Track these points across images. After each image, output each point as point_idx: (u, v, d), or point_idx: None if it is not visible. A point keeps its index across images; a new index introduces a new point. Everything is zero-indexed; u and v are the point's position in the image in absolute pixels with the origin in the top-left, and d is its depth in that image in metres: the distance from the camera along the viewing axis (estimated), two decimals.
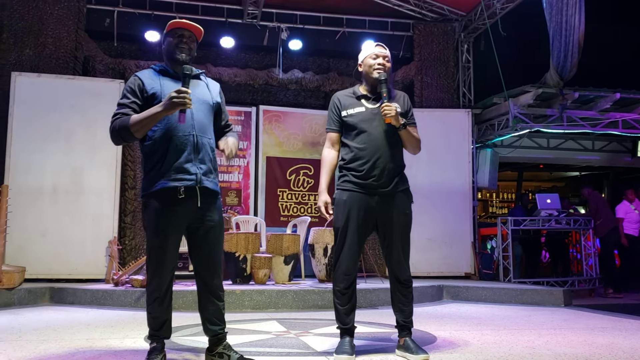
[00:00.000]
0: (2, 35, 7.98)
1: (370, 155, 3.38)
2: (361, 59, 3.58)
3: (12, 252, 6.93)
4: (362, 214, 3.37)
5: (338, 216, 3.42)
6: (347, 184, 3.43)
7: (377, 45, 3.56)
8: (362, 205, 3.38)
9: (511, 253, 8.63)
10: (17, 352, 3.46)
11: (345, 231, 3.36)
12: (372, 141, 3.40)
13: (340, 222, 3.39)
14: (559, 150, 11.57)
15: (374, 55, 3.49)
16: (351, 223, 3.36)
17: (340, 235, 3.39)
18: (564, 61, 8.19)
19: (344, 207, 3.39)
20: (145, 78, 3.05)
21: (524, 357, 3.39)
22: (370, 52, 3.52)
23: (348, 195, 3.40)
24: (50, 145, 7.41)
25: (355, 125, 3.44)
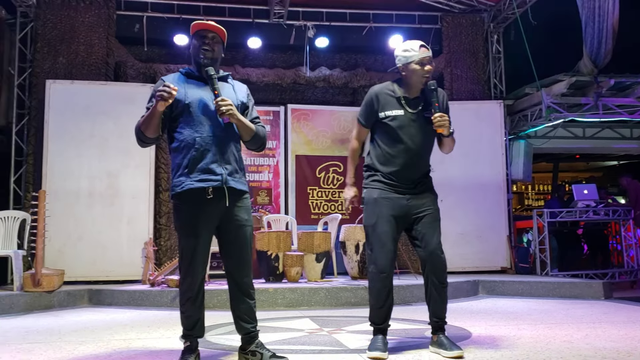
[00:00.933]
0: (36, 45, 8.18)
1: (404, 164, 3.37)
2: (403, 62, 3.37)
3: (51, 256, 7.11)
4: (392, 211, 3.34)
5: (369, 214, 3.39)
6: (377, 183, 3.40)
7: (422, 46, 3.35)
8: (393, 203, 3.35)
9: (548, 246, 8.47)
10: (57, 353, 3.54)
11: (377, 229, 3.33)
12: (408, 150, 3.36)
13: (371, 220, 3.36)
14: (595, 139, 11.31)
15: (419, 62, 3.32)
16: (383, 221, 3.32)
17: (372, 233, 3.35)
18: (597, 48, 8.01)
19: (374, 205, 3.37)
20: (170, 82, 3.08)
21: (562, 351, 3.33)
22: (416, 57, 3.32)
23: (378, 193, 3.38)
24: (85, 150, 7.57)
25: (393, 131, 3.37)
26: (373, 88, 3.51)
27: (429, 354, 3.32)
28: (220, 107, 2.95)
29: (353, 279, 7.15)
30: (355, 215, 8.39)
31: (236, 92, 3.20)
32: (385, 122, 3.39)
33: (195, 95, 3.04)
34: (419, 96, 3.42)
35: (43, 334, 4.35)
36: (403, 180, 3.38)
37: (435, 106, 3.33)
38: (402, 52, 3.41)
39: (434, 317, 3.37)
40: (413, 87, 3.40)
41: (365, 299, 5.96)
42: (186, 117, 3.01)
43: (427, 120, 3.37)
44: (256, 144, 3.22)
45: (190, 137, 2.97)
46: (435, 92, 3.35)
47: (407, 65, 3.36)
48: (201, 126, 2.99)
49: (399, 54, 3.42)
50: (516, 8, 8.81)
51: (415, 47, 3.36)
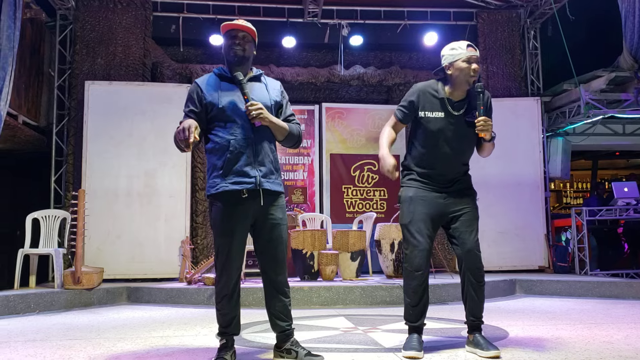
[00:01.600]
0: (75, 47, 8.36)
1: (439, 167, 3.36)
2: (450, 60, 3.31)
3: (91, 254, 7.26)
4: (428, 210, 3.32)
5: (404, 213, 3.37)
6: (412, 182, 3.39)
7: (469, 46, 3.30)
8: (429, 201, 3.33)
9: (587, 245, 8.31)
10: (97, 349, 3.61)
11: (413, 228, 3.30)
12: (444, 154, 3.33)
13: (407, 218, 3.34)
14: (635, 136, 11.03)
15: (467, 59, 3.26)
16: (418, 219, 3.30)
17: (408, 232, 3.32)
18: (638, 42, 7.83)
19: (410, 204, 3.35)
20: (204, 84, 3.12)
21: (601, 352, 3.26)
22: (463, 55, 3.27)
23: (414, 191, 3.35)
24: (123, 149, 7.71)
25: (430, 133, 3.33)
26: (417, 85, 3.46)
27: (465, 353, 3.28)
28: (251, 112, 2.98)
29: (388, 278, 7.14)
30: (390, 214, 8.37)
31: (269, 91, 3.21)
32: (424, 123, 3.35)
33: (228, 99, 3.07)
34: (464, 98, 3.36)
35: (83, 331, 4.44)
36: (438, 180, 3.36)
37: (480, 109, 3.28)
38: (449, 50, 3.36)
39: (471, 316, 3.33)
40: (458, 87, 3.34)
41: (401, 298, 5.94)
42: (220, 119, 3.04)
43: (468, 124, 3.33)
44: (291, 142, 3.24)
45: (225, 139, 3.01)
46: (481, 94, 3.29)
47: (454, 63, 3.30)
48: (235, 128, 3.02)
49: (446, 53, 3.37)
50: (553, 3, 8.65)
51: (462, 46, 3.31)
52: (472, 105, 3.35)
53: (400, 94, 9.49)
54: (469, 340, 3.34)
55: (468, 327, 3.37)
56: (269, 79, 3.31)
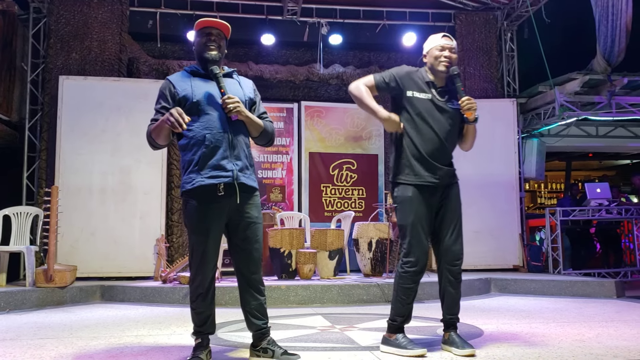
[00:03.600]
0: (49, 41, 8.22)
1: (433, 151, 3.32)
2: (426, 49, 3.48)
3: (64, 252, 7.16)
4: (427, 209, 3.31)
5: (405, 213, 3.31)
6: (411, 177, 3.32)
7: (444, 36, 3.44)
8: (427, 201, 3.31)
9: (560, 244, 8.43)
10: (69, 348, 3.56)
11: (415, 228, 3.27)
12: (435, 138, 3.32)
13: (408, 218, 3.29)
14: (608, 138, 11.21)
15: (440, 47, 3.39)
16: (419, 219, 3.28)
17: (410, 232, 3.28)
18: (611, 46, 7.95)
19: (410, 204, 3.29)
20: (176, 81, 3.10)
21: (574, 350, 3.31)
22: (436, 43, 3.41)
23: (412, 190, 3.30)
24: (97, 146, 7.61)
25: (419, 114, 3.33)
26: (404, 66, 3.49)
27: (440, 351, 3.30)
28: (228, 105, 2.96)
29: (366, 277, 7.15)
30: (368, 213, 8.39)
31: (243, 88, 3.20)
32: (413, 103, 3.35)
33: (202, 93, 3.05)
34: (444, 86, 3.43)
35: (55, 330, 4.38)
36: (431, 169, 3.31)
37: (461, 90, 3.35)
38: (427, 41, 3.51)
39: (448, 313, 3.35)
40: (436, 74, 3.41)
41: (378, 296, 6.00)
42: (194, 114, 3.01)
43: (452, 111, 3.38)
44: (265, 139, 3.23)
45: (200, 133, 2.98)
46: (458, 77, 3.38)
47: (429, 52, 3.45)
48: (210, 123, 3.00)
49: (424, 45, 3.52)
50: (530, 6, 8.74)
51: (438, 36, 3.46)
52: (452, 94, 3.41)
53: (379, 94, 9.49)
54: (444, 338, 3.35)
55: (444, 324, 3.38)
56: (242, 77, 3.31)
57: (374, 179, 9.22)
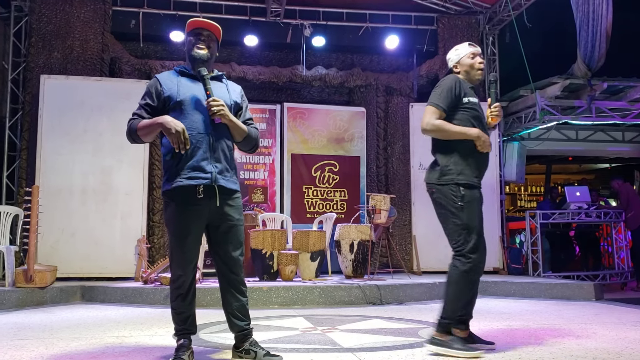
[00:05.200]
0: (31, 39, 8.14)
1: (483, 155, 3.47)
2: (457, 59, 3.56)
3: (44, 252, 7.09)
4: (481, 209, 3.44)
5: (471, 213, 3.35)
6: (472, 178, 3.42)
7: (470, 44, 3.57)
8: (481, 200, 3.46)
9: (540, 247, 8.52)
10: (49, 349, 3.53)
11: (478, 229, 3.35)
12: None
13: (474, 220, 3.35)
14: (588, 142, 11.39)
15: (471, 55, 3.51)
16: (481, 219, 3.39)
17: (478, 231, 3.34)
18: (591, 51, 8.06)
19: (478, 205, 3.40)
20: (164, 79, 3.10)
21: (553, 352, 3.35)
22: (467, 51, 3.53)
23: (478, 192, 3.43)
24: (79, 146, 7.55)
25: (475, 118, 3.43)
26: (451, 75, 3.53)
27: (421, 352, 3.33)
28: (212, 108, 2.97)
29: (347, 278, 7.17)
30: (350, 215, 8.41)
31: (230, 92, 3.20)
32: (468, 108, 3.42)
33: (187, 93, 3.05)
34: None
35: (35, 330, 4.33)
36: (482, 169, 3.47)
37: (497, 97, 3.50)
38: (453, 52, 3.61)
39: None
40: (472, 81, 3.53)
41: (359, 298, 6.02)
42: (178, 113, 3.01)
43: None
44: (248, 145, 3.22)
45: None
46: (495, 83, 3.53)
47: (460, 61, 3.55)
48: (192, 124, 2.99)
49: (451, 55, 3.61)
50: (512, 10, 8.84)
51: (464, 45, 3.59)
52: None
53: (361, 96, 9.56)
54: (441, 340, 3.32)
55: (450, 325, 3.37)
56: (230, 82, 3.31)
57: (356, 180, 9.24)
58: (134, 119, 3.05)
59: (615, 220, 9.01)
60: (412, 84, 9.42)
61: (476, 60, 3.49)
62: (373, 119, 9.48)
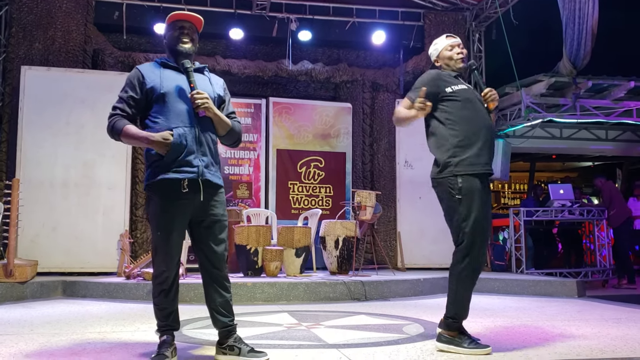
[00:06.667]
0: (11, 29, 8.01)
1: (480, 138, 3.30)
2: (436, 54, 3.54)
3: (24, 246, 6.98)
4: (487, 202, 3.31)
5: (469, 206, 3.23)
6: (469, 167, 3.26)
7: (448, 36, 3.54)
8: (487, 195, 3.33)
9: (523, 244, 8.56)
10: (29, 345, 3.46)
11: (480, 223, 3.23)
12: (481, 126, 3.32)
13: (472, 213, 3.22)
14: (572, 140, 11.47)
15: (449, 47, 3.48)
16: (482, 215, 3.25)
17: (473, 226, 3.22)
18: (577, 49, 8.09)
19: (476, 197, 3.24)
20: (146, 71, 3.04)
21: (537, 349, 3.35)
22: (445, 44, 3.51)
23: (479, 184, 3.26)
24: (60, 138, 7.43)
25: (463, 103, 3.31)
26: (431, 70, 3.47)
27: (406, 348, 3.31)
28: (196, 100, 2.92)
29: (332, 274, 7.15)
30: (335, 211, 8.38)
31: (213, 85, 3.16)
32: (454, 96, 3.33)
33: (171, 85, 3.00)
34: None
35: (15, 326, 4.26)
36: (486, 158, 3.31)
37: (482, 83, 3.42)
38: (432, 47, 3.60)
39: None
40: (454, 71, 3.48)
41: (344, 294, 6.00)
42: (161, 106, 2.96)
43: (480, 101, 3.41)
44: (232, 139, 3.19)
45: (165, 127, 2.92)
46: (477, 70, 3.46)
47: (439, 55, 3.52)
48: (176, 117, 2.95)
49: (431, 50, 3.60)
50: (498, 7, 8.85)
51: (441, 38, 3.57)
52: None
53: (347, 92, 9.53)
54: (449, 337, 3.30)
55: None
56: (212, 74, 3.27)
57: (342, 176, 9.21)
58: (117, 114, 2.98)
59: (598, 218, 9.07)
60: (399, 80, 9.41)
61: (454, 52, 3.46)
62: (359, 114, 9.46)
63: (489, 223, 3.39)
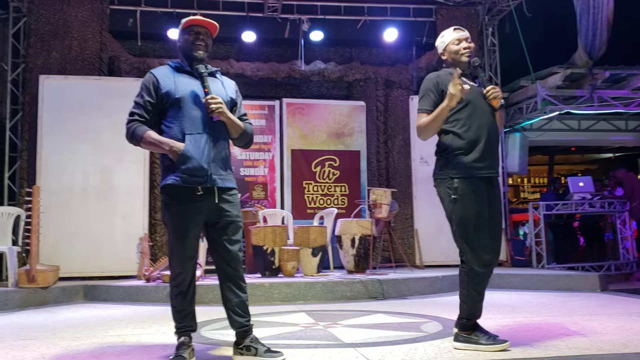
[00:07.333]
0: (29, 40, 8.13)
1: (482, 139, 3.29)
2: (442, 47, 3.48)
3: (46, 252, 7.08)
4: (486, 205, 3.28)
5: (467, 207, 3.22)
6: (468, 170, 3.25)
7: (456, 29, 3.48)
8: (487, 197, 3.29)
9: (544, 238, 8.48)
10: (51, 349, 3.52)
11: (479, 224, 3.23)
12: (483, 126, 3.31)
13: (471, 213, 3.22)
14: (590, 131, 11.33)
15: (456, 41, 3.42)
16: (482, 216, 3.24)
17: (474, 228, 3.22)
18: (592, 40, 8.00)
19: (473, 199, 3.23)
20: (160, 75, 3.07)
21: (558, 344, 3.32)
22: (452, 37, 3.44)
23: (476, 185, 3.25)
24: (79, 145, 7.54)
25: (464, 103, 3.29)
26: (429, 75, 3.45)
27: (424, 346, 3.31)
28: (210, 105, 2.95)
29: (349, 273, 7.15)
30: (351, 209, 8.38)
31: (225, 88, 3.19)
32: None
33: (185, 90, 3.03)
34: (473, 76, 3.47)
35: (37, 330, 4.33)
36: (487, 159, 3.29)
37: (484, 80, 3.37)
38: (439, 40, 3.53)
39: None
40: (461, 68, 3.40)
41: (361, 293, 6.00)
42: (176, 111, 3.00)
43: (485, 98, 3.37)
44: (244, 141, 3.23)
45: (179, 132, 2.96)
46: (480, 67, 3.40)
47: (446, 48, 3.47)
48: (190, 121, 2.98)
49: (437, 43, 3.54)
50: (511, 0, 8.78)
51: (449, 31, 3.49)
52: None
53: (360, 90, 9.52)
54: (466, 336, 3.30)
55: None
56: (224, 77, 3.30)
57: (357, 175, 9.20)
58: (135, 120, 3.02)
59: (620, 210, 8.95)
60: (412, 76, 9.38)
61: (461, 46, 3.40)
62: (373, 112, 9.44)
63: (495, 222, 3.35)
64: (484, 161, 3.29)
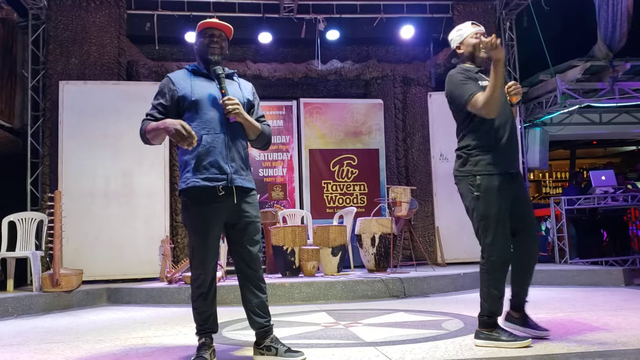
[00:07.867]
0: (48, 47, 8.24)
1: (503, 135, 3.30)
2: (459, 40, 3.46)
3: (69, 256, 7.17)
4: (509, 201, 3.27)
5: (489, 204, 3.22)
6: (491, 167, 3.25)
7: (473, 24, 3.47)
8: (509, 193, 3.28)
9: (566, 234, 8.38)
10: (75, 352, 3.56)
11: (500, 220, 3.22)
12: (505, 123, 3.31)
13: (492, 209, 3.21)
14: (612, 124, 11.17)
15: (474, 35, 3.41)
16: (503, 211, 3.23)
17: (495, 224, 3.21)
18: (612, 32, 7.90)
19: (496, 195, 3.22)
20: (177, 79, 3.10)
21: (581, 339, 3.29)
22: (470, 31, 3.42)
23: (499, 181, 3.24)
24: (99, 150, 7.62)
25: None
26: (450, 73, 3.43)
27: (445, 344, 3.29)
28: (227, 106, 2.97)
29: (370, 272, 7.13)
30: (370, 208, 8.36)
31: (242, 90, 3.21)
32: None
33: (202, 92, 3.05)
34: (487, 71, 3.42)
35: (61, 334, 4.38)
36: (511, 154, 3.32)
37: (505, 76, 3.32)
38: (455, 32, 3.50)
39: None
40: (477, 62, 3.41)
41: (382, 292, 5.99)
42: (193, 113, 3.02)
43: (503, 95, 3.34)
44: (262, 142, 3.24)
45: (197, 134, 2.97)
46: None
47: (463, 42, 3.45)
48: (208, 123, 3.01)
49: (453, 36, 3.50)
50: None
51: (466, 24, 3.48)
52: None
53: (378, 88, 9.49)
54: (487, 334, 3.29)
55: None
56: (241, 79, 3.33)
57: (376, 173, 9.18)
58: (146, 119, 3.08)
59: None
60: (430, 73, 9.32)
61: (480, 39, 3.37)
62: (391, 110, 9.41)
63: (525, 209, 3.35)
64: (506, 157, 3.29)
